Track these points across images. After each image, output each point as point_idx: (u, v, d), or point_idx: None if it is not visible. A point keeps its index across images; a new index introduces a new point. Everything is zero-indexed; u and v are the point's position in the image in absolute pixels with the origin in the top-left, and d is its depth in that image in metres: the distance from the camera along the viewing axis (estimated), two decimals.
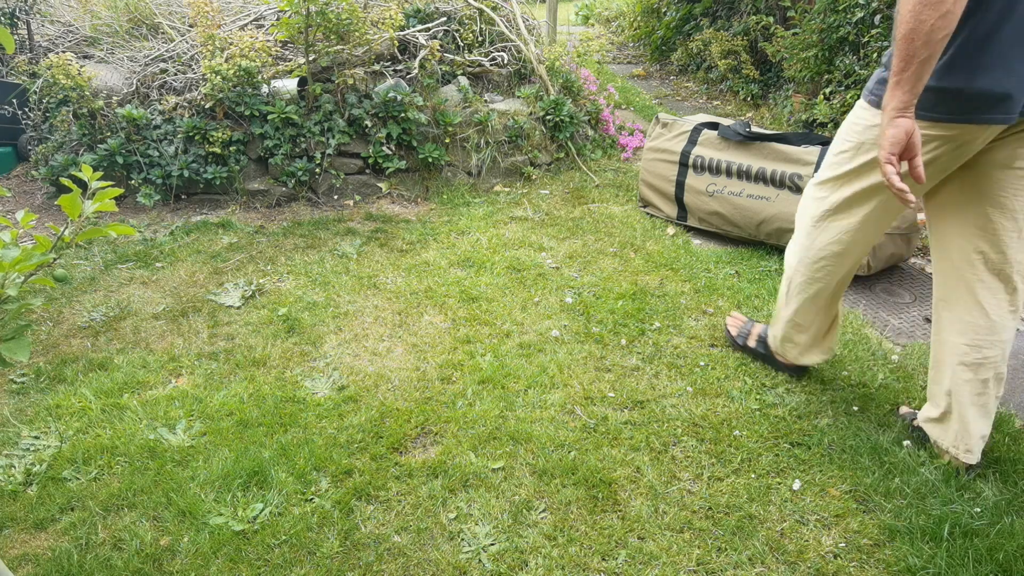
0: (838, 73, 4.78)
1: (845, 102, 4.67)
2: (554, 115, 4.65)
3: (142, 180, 3.95)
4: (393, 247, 3.51)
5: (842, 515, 1.85)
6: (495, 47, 4.86)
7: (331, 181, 4.13)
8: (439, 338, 2.69)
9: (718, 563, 1.71)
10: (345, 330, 2.74)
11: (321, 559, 1.72)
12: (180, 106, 3.96)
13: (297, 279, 3.16)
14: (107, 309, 2.92)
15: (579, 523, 1.83)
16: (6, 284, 1.26)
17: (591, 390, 2.36)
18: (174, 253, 3.42)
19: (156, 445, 2.10)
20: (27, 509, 1.88)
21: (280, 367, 2.51)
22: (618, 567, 1.70)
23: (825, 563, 1.71)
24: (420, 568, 1.70)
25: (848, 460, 2.04)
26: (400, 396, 2.34)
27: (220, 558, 1.72)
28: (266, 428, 2.18)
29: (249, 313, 2.88)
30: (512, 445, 2.10)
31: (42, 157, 4.04)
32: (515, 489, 1.94)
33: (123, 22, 4.50)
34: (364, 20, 4.04)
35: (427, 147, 4.17)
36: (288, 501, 1.89)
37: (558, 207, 4.09)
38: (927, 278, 3.25)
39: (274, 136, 3.95)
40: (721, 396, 2.33)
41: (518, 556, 1.73)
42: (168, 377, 2.46)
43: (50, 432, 2.18)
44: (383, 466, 2.02)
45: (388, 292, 3.04)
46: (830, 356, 2.35)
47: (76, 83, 3.80)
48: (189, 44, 4.27)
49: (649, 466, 2.02)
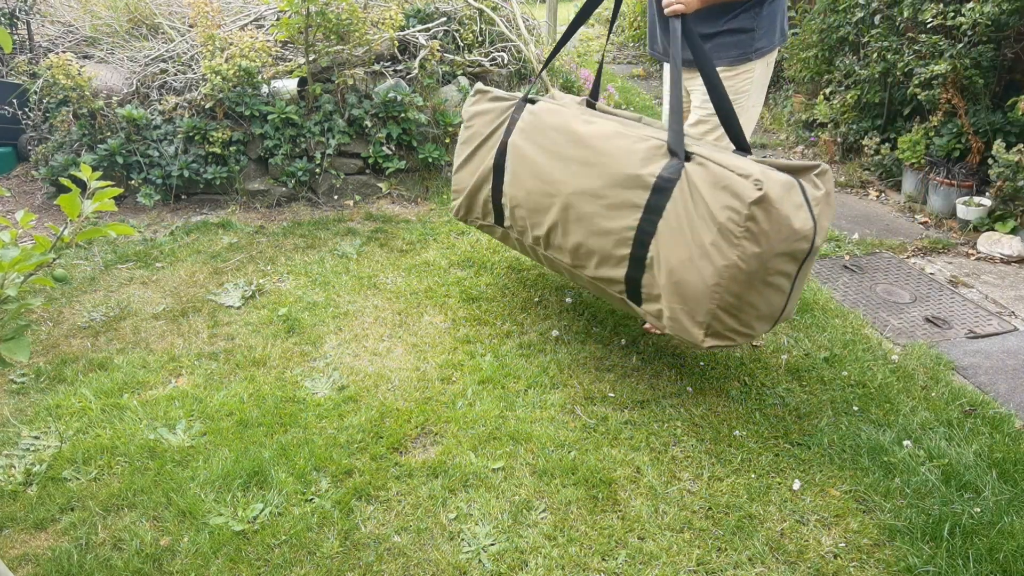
0: (838, 73, 4.78)
1: (845, 102, 4.67)
2: None
3: (142, 180, 3.95)
4: (393, 247, 3.51)
5: (842, 515, 1.85)
6: (495, 47, 4.86)
7: (331, 181, 4.13)
8: (439, 338, 2.69)
9: (718, 563, 1.71)
10: (345, 330, 2.74)
11: (321, 559, 1.72)
12: (180, 106, 3.96)
13: (297, 279, 3.16)
14: (107, 309, 2.92)
15: (579, 523, 1.83)
16: (6, 284, 1.26)
17: (591, 390, 2.36)
18: (174, 253, 3.42)
19: (156, 445, 2.10)
20: (27, 509, 1.88)
21: (280, 367, 2.51)
22: (618, 567, 1.70)
23: (825, 563, 1.71)
24: (420, 568, 1.70)
25: (848, 460, 2.04)
26: (400, 396, 2.34)
27: (220, 558, 1.72)
28: (266, 428, 2.18)
29: (249, 313, 2.88)
30: (512, 445, 2.10)
31: (42, 157, 4.04)
32: (515, 489, 1.94)
33: (123, 22, 4.50)
34: (364, 20, 4.04)
35: (427, 147, 4.17)
36: (288, 501, 1.89)
37: None
38: (927, 278, 3.25)
39: (274, 136, 3.95)
40: (721, 396, 2.33)
41: (518, 556, 1.73)
42: (168, 377, 2.46)
43: (50, 432, 2.17)
44: (383, 466, 2.02)
45: (388, 292, 3.04)
46: None
47: (76, 83, 3.80)
48: (189, 44, 4.27)
49: (649, 466, 2.02)
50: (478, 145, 2.54)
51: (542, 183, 2.24)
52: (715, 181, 1.81)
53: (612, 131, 2.10)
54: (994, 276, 3.27)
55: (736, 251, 1.77)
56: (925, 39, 3.84)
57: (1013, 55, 3.84)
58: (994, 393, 2.39)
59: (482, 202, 2.56)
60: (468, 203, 2.62)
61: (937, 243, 3.61)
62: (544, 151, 2.25)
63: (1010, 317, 2.90)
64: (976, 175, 3.87)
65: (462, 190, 2.63)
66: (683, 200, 1.87)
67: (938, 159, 4.02)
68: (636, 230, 1.97)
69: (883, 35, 4.20)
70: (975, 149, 3.83)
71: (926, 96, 3.91)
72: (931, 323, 2.85)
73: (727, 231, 1.78)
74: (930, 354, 2.57)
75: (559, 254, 2.28)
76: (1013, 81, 3.94)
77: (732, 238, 1.77)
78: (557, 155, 2.20)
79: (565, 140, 2.19)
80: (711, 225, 1.80)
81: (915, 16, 3.96)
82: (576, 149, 2.15)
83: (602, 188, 2.05)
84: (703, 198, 1.82)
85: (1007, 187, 3.54)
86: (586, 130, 2.15)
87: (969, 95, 3.88)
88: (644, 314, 2.09)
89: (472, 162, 2.57)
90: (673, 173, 1.90)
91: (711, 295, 1.83)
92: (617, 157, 2.03)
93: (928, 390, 2.37)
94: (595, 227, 2.09)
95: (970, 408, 2.27)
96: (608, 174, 2.04)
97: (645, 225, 1.95)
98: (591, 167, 2.09)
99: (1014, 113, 3.63)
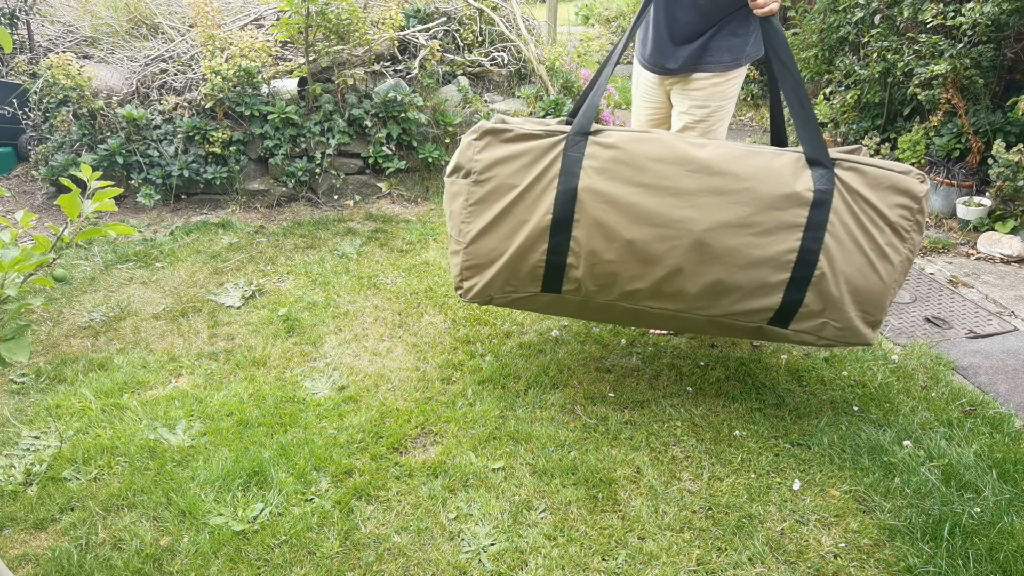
0: (838, 73, 4.78)
1: (845, 102, 4.67)
2: (554, 115, 4.65)
3: (142, 180, 3.95)
4: (393, 247, 3.51)
5: (842, 515, 1.85)
6: (495, 47, 4.86)
7: (331, 181, 4.13)
8: (439, 338, 2.69)
9: (718, 563, 1.71)
10: (345, 330, 2.74)
11: (321, 559, 1.72)
12: (180, 106, 3.96)
13: (297, 279, 3.16)
14: (107, 309, 2.92)
15: (579, 523, 1.83)
16: (6, 284, 1.26)
17: (591, 390, 2.36)
18: (174, 253, 3.42)
19: (156, 445, 2.10)
20: (27, 509, 1.88)
21: (280, 367, 2.51)
22: (618, 567, 1.70)
23: (825, 563, 1.71)
24: (420, 568, 1.70)
25: (848, 460, 2.04)
26: (400, 396, 2.34)
27: (220, 558, 1.72)
28: (266, 428, 2.18)
29: (249, 313, 2.88)
30: (512, 445, 2.10)
31: (42, 157, 4.04)
32: (515, 489, 1.94)
33: (123, 22, 4.50)
34: (364, 20, 4.04)
35: (427, 147, 4.17)
36: (288, 501, 1.89)
37: None
38: (927, 278, 3.25)
39: (274, 136, 3.95)
40: (721, 396, 2.33)
41: (518, 556, 1.73)
42: (168, 377, 2.46)
43: (50, 432, 2.17)
44: (383, 466, 2.02)
45: (388, 292, 3.04)
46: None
47: (76, 83, 3.80)
48: (189, 44, 4.27)
49: (649, 466, 2.02)
50: (512, 201, 1.93)
51: (654, 228, 1.87)
52: (875, 183, 1.82)
53: (742, 151, 1.89)
54: (994, 276, 3.27)
55: (908, 245, 1.85)
56: (925, 39, 3.84)
57: (1013, 55, 3.84)
58: (994, 393, 2.39)
59: (528, 270, 1.98)
60: (505, 277, 2.00)
61: (937, 243, 3.61)
62: (649, 190, 1.86)
63: (1010, 317, 2.90)
64: (976, 175, 3.87)
65: (490, 263, 1.99)
66: (845, 208, 1.83)
67: (938, 159, 4.02)
68: (799, 251, 1.83)
69: (883, 35, 4.20)
70: (975, 149, 3.83)
71: (926, 96, 3.91)
72: (931, 323, 2.85)
73: (899, 228, 1.83)
74: (930, 354, 2.57)
75: (667, 302, 1.96)
76: (1013, 81, 3.94)
77: (904, 233, 1.83)
78: (672, 191, 1.86)
79: (682, 172, 1.86)
80: (883, 226, 1.83)
81: (915, 16, 3.96)
82: (702, 179, 1.85)
83: (750, 215, 1.83)
84: (868, 201, 1.83)
85: (1007, 187, 3.54)
86: (708, 154, 1.87)
87: (969, 95, 3.88)
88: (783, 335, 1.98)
89: (505, 224, 1.95)
90: (827, 183, 1.82)
91: (890, 293, 1.88)
92: (763, 179, 1.84)
93: (928, 390, 2.37)
94: (743, 260, 1.85)
95: (970, 408, 2.27)
96: (756, 198, 1.83)
97: (808, 243, 1.83)
98: (731, 195, 1.84)
99: (1014, 113, 3.63)
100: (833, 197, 1.82)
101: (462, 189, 1.96)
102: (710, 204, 1.84)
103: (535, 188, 1.92)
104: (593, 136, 1.93)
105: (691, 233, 1.85)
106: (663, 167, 1.87)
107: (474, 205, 1.95)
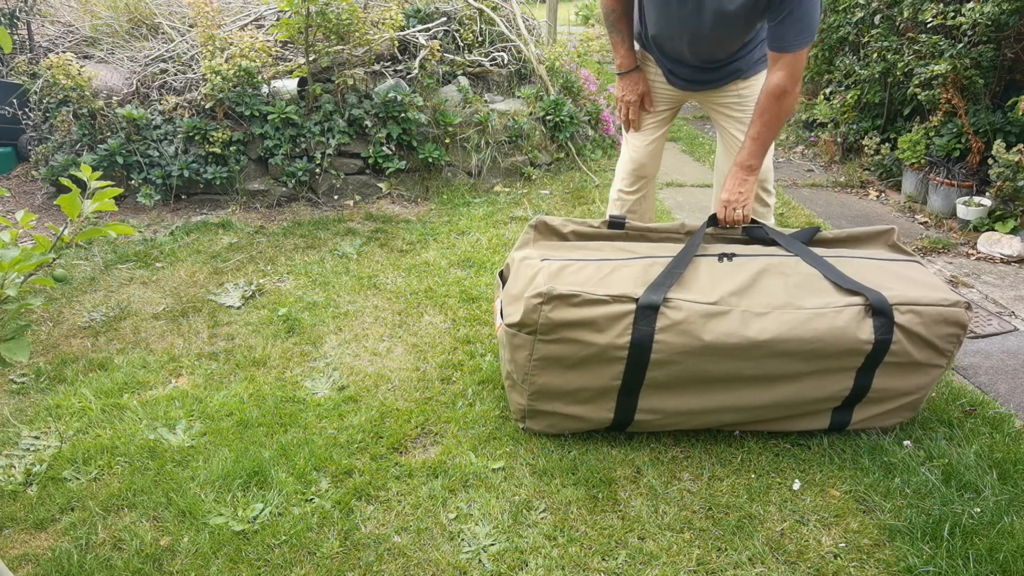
0: (838, 73, 4.78)
1: (845, 102, 4.67)
2: (554, 115, 4.65)
3: (142, 180, 3.95)
4: (393, 247, 3.51)
5: (842, 515, 1.85)
6: (495, 47, 4.86)
7: (331, 181, 4.13)
8: (439, 338, 2.69)
9: (718, 563, 1.71)
10: (345, 330, 2.74)
11: (321, 559, 1.72)
12: (180, 106, 3.96)
13: (297, 279, 3.16)
14: (107, 309, 2.92)
15: (579, 523, 1.83)
16: (6, 284, 1.26)
17: None
18: (174, 253, 3.42)
19: (156, 445, 2.10)
20: (27, 509, 1.88)
21: (280, 367, 2.51)
22: (618, 567, 1.70)
23: (825, 563, 1.71)
24: (420, 568, 1.70)
25: (848, 460, 2.04)
26: (400, 396, 2.34)
27: (220, 558, 1.72)
28: (266, 428, 2.18)
29: (249, 313, 2.88)
30: (512, 445, 2.10)
31: (42, 157, 4.04)
32: (515, 489, 1.94)
33: (123, 22, 4.50)
34: (364, 20, 4.04)
35: (427, 147, 4.17)
36: (288, 501, 1.89)
37: (558, 207, 4.09)
38: None
39: (274, 136, 3.95)
40: None
41: (518, 556, 1.73)
42: (168, 377, 2.46)
43: (50, 432, 2.18)
44: (383, 466, 2.02)
45: (388, 292, 3.05)
46: None
47: (76, 83, 3.80)
48: (189, 44, 4.27)
49: (649, 466, 2.02)
50: (580, 362, 1.95)
51: (715, 406, 2.01)
52: (931, 321, 1.92)
53: (806, 314, 1.88)
54: (994, 276, 3.27)
55: (946, 358, 2.01)
56: (925, 39, 3.84)
57: (1013, 55, 3.84)
58: (994, 393, 2.39)
59: (597, 421, 2.07)
60: (570, 425, 2.10)
61: (937, 243, 3.61)
62: (715, 382, 1.95)
63: (1010, 317, 2.90)
64: (976, 175, 3.88)
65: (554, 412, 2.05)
66: (901, 347, 1.93)
67: (938, 159, 4.02)
68: (852, 388, 1.99)
69: (883, 35, 4.20)
70: (975, 149, 3.83)
71: (926, 96, 3.92)
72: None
73: (944, 351, 1.98)
74: None
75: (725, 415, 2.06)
76: (1013, 81, 3.94)
77: (947, 352, 1.99)
78: (736, 377, 1.94)
79: (747, 365, 1.90)
80: (929, 351, 1.97)
81: (915, 16, 3.97)
82: (765, 363, 1.90)
83: (805, 368, 1.92)
84: (922, 337, 1.93)
85: (1007, 187, 3.54)
86: (773, 328, 1.86)
87: (969, 95, 3.88)
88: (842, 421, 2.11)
89: (572, 383, 1.99)
90: (887, 333, 1.90)
91: (927, 392, 2.07)
92: (828, 340, 1.88)
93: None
94: (799, 398, 1.99)
95: (970, 408, 2.27)
96: (819, 356, 1.90)
97: (861, 380, 1.98)
98: (794, 356, 1.90)
99: (1014, 113, 3.63)
100: (892, 342, 1.92)
101: (525, 343, 1.94)
102: (773, 366, 1.92)
103: (603, 356, 1.91)
104: (664, 307, 1.87)
105: (749, 407, 2.01)
106: (730, 364, 1.90)
107: (540, 359, 1.95)
